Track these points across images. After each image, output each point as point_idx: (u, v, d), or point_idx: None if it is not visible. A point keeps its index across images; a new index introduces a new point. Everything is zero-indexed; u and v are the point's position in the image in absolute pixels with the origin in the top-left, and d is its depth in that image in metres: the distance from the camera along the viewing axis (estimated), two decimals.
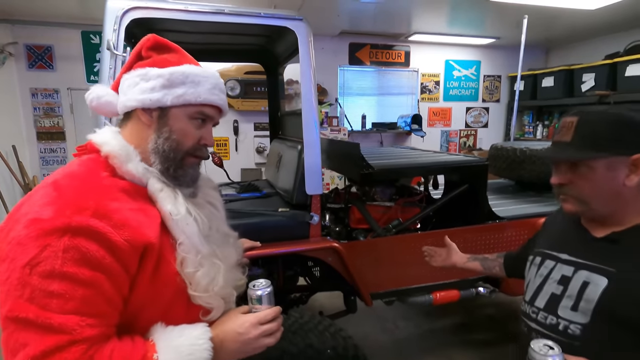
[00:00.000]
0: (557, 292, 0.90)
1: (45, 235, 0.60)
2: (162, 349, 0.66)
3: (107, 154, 0.73)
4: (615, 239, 0.85)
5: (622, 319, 0.79)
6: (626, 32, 4.27)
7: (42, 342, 0.57)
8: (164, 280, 0.71)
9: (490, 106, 5.51)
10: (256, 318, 0.78)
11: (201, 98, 0.78)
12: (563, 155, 0.87)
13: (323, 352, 1.44)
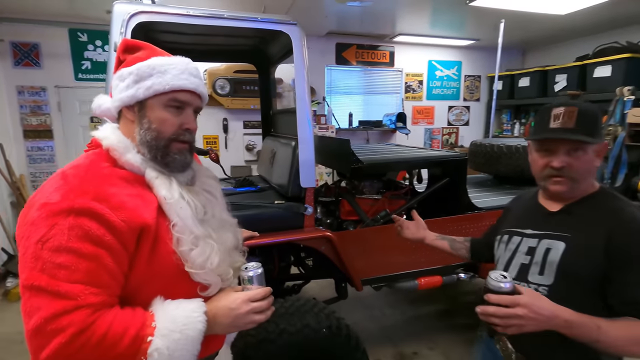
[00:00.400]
0: (526, 261, 1.05)
1: (53, 215, 0.70)
2: (160, 318, 0.74)
3: (107, 147, 0.82)
4: (569, 210, 1.02)
5: (573, 274, 0.95)
6: (595, 35, 4.55)
7: (52, 306, 0.66)
8: (161, 258, 0.79)
9: (471, 105, 5.74)
10: (247, 295, 0.84)
11: (169, 85, 0.83)
12: (575, 137, 0.94)
13: (319, 331, 1.57)
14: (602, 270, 0.92)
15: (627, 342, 0.86)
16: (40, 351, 0.65)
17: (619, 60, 3.85)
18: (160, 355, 0.70)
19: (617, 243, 0.91)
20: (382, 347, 2.58)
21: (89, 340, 0.66)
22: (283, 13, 3.68)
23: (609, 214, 0.96)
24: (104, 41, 4.09)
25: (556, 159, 0.97)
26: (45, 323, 0.65)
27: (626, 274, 0.90)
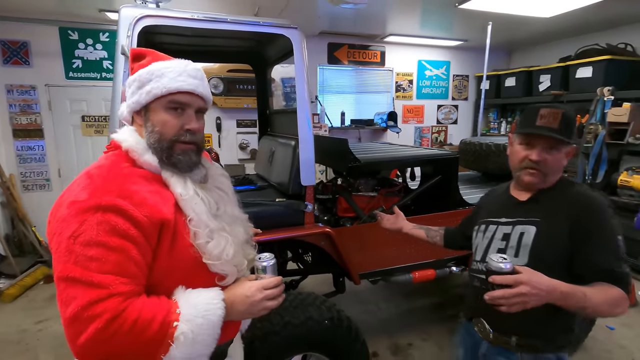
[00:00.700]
0: (502, 246, 1.16)
1: (82, 212, 0.76)
2: (183, 305, 0.80)
3: (127, 149, 0.88)
4: (537, 198, 1.16)
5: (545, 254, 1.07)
6: (577, 37, 4.73)
7: (87, 295, 0.71)
8: (180, 251, 0.84)
9: (459, 104, 5.88)
10: (261, 284, 0.90)
11: (166, 88, 0.86)
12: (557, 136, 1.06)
13: (321, 323, 1.65)
14: (569, 246, 1.05)
15: (606, 305, 0.98)
16: (78, 337, 0.71)
17: (599, 61, 4.02)
18: (185, 338, 0.76)
19: (579, 222, 1.05)
20: (379, 339, 2.67)
21: (122, 326, 0.72)
22: (277, 14, 3.72)
23: (570, 198, 1.10)
24: (95, 40, 4.06)
25: (535, 153, 1.10)
26: (82, 310, 0.71)
27: (590, 247, 1.03)
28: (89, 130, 4.18)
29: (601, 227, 1.05)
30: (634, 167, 3.81)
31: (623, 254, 1.05)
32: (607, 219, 1.06)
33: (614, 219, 1.08)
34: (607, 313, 1.01)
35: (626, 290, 1.00)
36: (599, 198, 1.10)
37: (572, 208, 1.07)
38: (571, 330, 1.14)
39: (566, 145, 1.09)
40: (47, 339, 2.74)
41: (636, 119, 3.71)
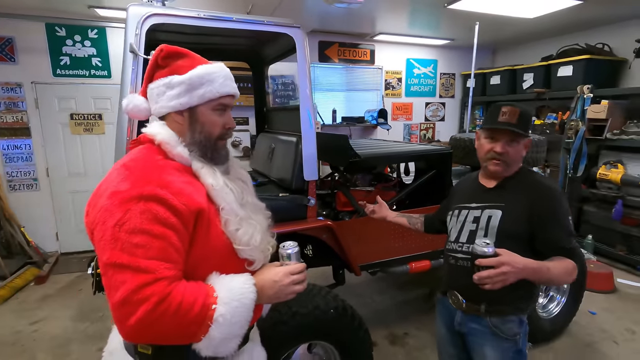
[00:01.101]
0: (473, 228, 1.35)
1: (125, 202, 0.79)
2: (220, 289, 0.84)
3: (160, 142, 0.92)
4: (502, 185, 1.34)
5: (510, 234, 1.26)
6: (558, 37, 4.92)
7: (136, 279, 0.75)
8: (214, 238, 0.89)
9: (447, 101, 6.03)
10: (288, 269, 0.96)
11: (218, 92, 0.94)
12: (516, 129, 1.24)
13: (327, 312, 1.71)
14: (530, 226, 1.25)
15: (564, 274, 1.19)
16: (127, 319, 0.75)
17: (579, 60, 4.21)
18: (224, 320, 0.81)
19: (537, 206, 1.24)
20: (376, 330, 2.75)
21: (168, 308, 0.76)
22: (270, 12, 3.75)
23: (529, 186, 1.29)
24: (83, 36, 3.99)
25: (499, 145, 1.28)
26: (132, 294, 0.75)
27: (548, 228, 1.23)
28: (77, 129, 4.11)
29: (556, 211, 1.24)
30: (612, 161, 4.02)
31: (573, 232, 1.27)
32: (560, 204, 1.26)
33: (565, 203, 1.28)
34: (564, 281, 1.24)
35: (576, 261, 1.22)
36: (553, 185, 1.30)
37: (531, 194, 1.26)
38: (531, 297, 1.35)
39: (524, 138, 1.28)
40: (43, 339, 2.71)
41: (613, 116, 3.91)
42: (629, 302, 3.18)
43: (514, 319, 1.32)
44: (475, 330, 1.35)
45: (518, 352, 1.33)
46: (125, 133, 1.51)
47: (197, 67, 0.94)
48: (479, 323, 1.34)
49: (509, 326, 1.31)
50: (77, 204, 4.23)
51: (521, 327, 1.33)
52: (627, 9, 3.83)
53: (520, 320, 1.33)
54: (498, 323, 1.31)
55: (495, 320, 1.31)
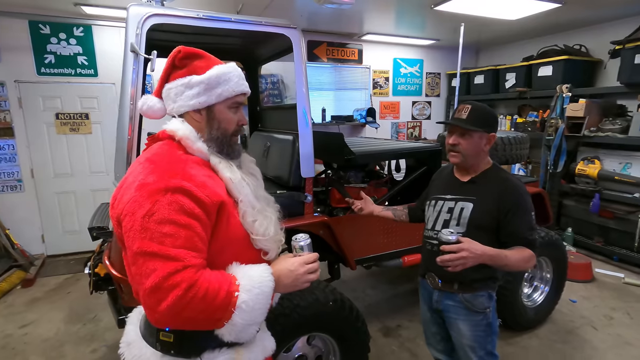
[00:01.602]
0: (447, 218, 1.49)
1: (154, 194, 0.83)
2: (241, 278, 0.89)
3: (181, 138, 0.96)
4: (474, 180, 1.48)
5: (479, 224, 1.41)
6: (539, 38, 5.11)
7: (167, 266, 0.79)
8: (234, 229, 0.94)
9: (432, 100, 6.17)
10: (302, 259, 1.00)
11: (234, 91, 1.00)
12: (463, 124, 1.39)
13: (326, 304, 1.77)
14: (497, 219, 1.39)
15: (521, 262, 1.35)
16: (159, 304, 0.78)
17: (558, 61, 4.39)
18: (247, 306, 0.86)
19: (505, 202, 1.38)
20: (369, 323, 2.77)
21: (197, 294, 0.80)
22: (260, 12, 3.77)
23: (499, 183, 1.43)
24: (68, 34, 3.91)
25: (451, 138, 1.44)
26: (163, 280, 0.78)
27: (512, 220, 1.37)
28: (63, 128, 4.04)
29: (519, 206, 1.38)
30: (589, 157, 4.22)
31: (534, 226, 1.41)
32: (524, 200, 1.40)
33: (529, 200, 1.42)
34: (522, 268, 1.39)
35: (535, 251, 1.37)
36: (518, 183, 1.44)
37: (499, 190, 1.40)
38: (495, 277, 1.50)
39: (475, 132, 1.39)
40: (34, 342, 2.68)
41: (591, 114, 4.10)
42: (606, 291, 3.36)
43: (484, 293, 1.48)
44: (450, 306, 1.51)
45: (488, 324, 1.49)
46: (127, 132, 1.52)
47: (213, 67, 0.99)
48: (453, 299, 1.49)
49: (479, 300, 1.47)
50: (64, 205, 4.15)
51: (490, 302, 1.50)
52: (602, 12, 4.02)
53: (490, 295, 1.49)
54: (470, 298, 1.47)
55: (467, 296, 1.47)
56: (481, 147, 1.43)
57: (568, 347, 2.56)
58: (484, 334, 1.49)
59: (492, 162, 1.51)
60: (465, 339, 1.49)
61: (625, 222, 3.77)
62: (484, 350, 1.49)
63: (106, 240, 2.06)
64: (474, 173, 1.48)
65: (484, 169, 1.48)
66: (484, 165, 1.49)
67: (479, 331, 1.48)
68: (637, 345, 2.57)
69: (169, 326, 0.89)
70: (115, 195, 0.93)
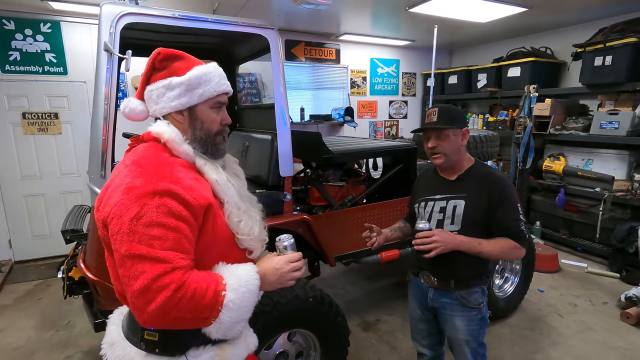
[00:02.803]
0: (440, 217, 1.52)
1: (141, 197, 0.84)
2: (228, 277, 0.91)
3: (167, 140, 0.96)
4: (461, 178, 1.52)
5: (472, 219, 1.46)
6: (508, 40, 5.33)
7: (155, 269, 0.81)
8: (219, 230, 0.96)
9: (409, 100, 6.31)
10: (287, 258, 1.03)
11: (216, 91, 1.01)
12: (438, 125, 1.45)
13: (306, 300, 1.80)
14: (487, 213, 1.44)
15: (498, 251, 1.42)
16: (148, 305, 0.80)
17: (525, 62, 4.59)
18: (234, 305, 0.88)
19: (493, 195, 1.43)
20: (349, 318, 2.84)
21: (185, 294, 0.82)
22: (235, 11, 3.75)
23: (484, 177, 1.48)
24: (35, 30, 3.75)
25: (429, 142, 1.50)
26: (152, 282, 0.80)
27: (500, 213, 1.43)
28: (31, 129, 3.87)
29: (507, 197, 1.44)
30: (555, 154, 4.45)
31: (521, 217, 1.45)
32: (511, 192, 1.46)
33: (514, 192, 1.48)
34: (498, 257, 1.50)
35: (520, 242, 1.43)
36: (503, 176, 1.50)
37: (486, 183, 1.45)
38: (488, 272, 1.56)
39: (449, 130, 1.45)
40: (4, 350, 2.57)
41: (556, 113, 4.32)
42: (571, 280, 3.56)
43: (478, 289, 1.53)
44: (446, 303, 1.55)
45: (482, 318, 1.55)
46: (101, 132, 1.50)
47: (193, 67, 0.99)
48: (449, 297, 1.54)
49: (474, 296, 1.52)
50: (32, 209, 3.98)
51: (484, 297, 1.55)
52: (565, 17, 4.24)
53: (483, 290, 1.55)
54: (465, 294, 1.51)
55: (463, 293, 1.51)
56: (459, 143, 1.48)
57: (536, 334, 2.70)
58: (477, 327, 1.54)
59: (474, 158, 1.56)
60: (461, 334, 1.54)
61: (588, 215, 4.00)
62: (477, 342, 1.55)
63: (80, 243, 2.01)
64: (459, 171, 1.52)
65: (467, 166, 1.52)
66: (467, 163, 1.53)
67: (474, 325, 1.53)
68: (598, 330, 2.75)
69: (157, 326, 0.90)
70: (101, 197, 0.92)
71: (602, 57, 3.80)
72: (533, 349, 2.54)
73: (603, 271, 3.68)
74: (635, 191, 3.62)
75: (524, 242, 1.44)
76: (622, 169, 3.87)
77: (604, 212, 3.77)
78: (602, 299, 3.19)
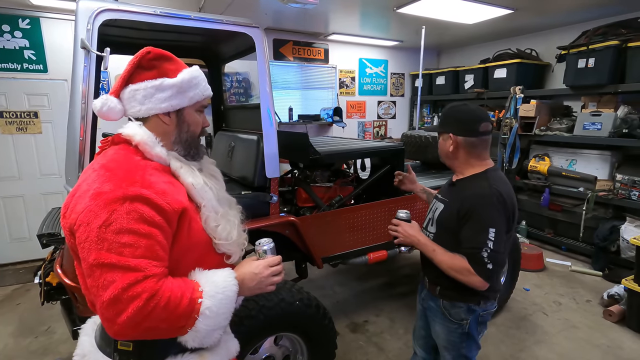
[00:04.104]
0: (430, 216, 1.53)
1: (110, 203, 0.80)
2: (204, 284, 0.88)
3: (138, 143, 0.93)
4: (455, 184, 1.48)
5: (444, 226, 1.43)
6: (495, 42, 5.39)
7: (126, 277, 0.77)
8: (195, 235, 0.93)
9: (397, 100, 6.33)
10: (266, 262, 1.01)
11: (203, 95, 1.03)
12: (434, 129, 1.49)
13: (293, 304, 1.78)
14: (457, 225, 1.35)
15: (447, 266, 1.35)
16: (118, 316, 0.76)
17: (511, 64, 4.65)
18: (210, 312, 0.85)
19: (462, 209, 1.33)
20: (337, 319, 2.86)
21: (158, 303, 0.78)
22: (222, 9, 3.69)
23: (466, 190, 1.37)
24: (13, 26, 3.62)
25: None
26: (122, 292, 0.76)
27: (463, 230, 1.33)
28: (9, 128, 3.74)
29: (472, 217, 1.30)
30: (540, 155, 4.52)
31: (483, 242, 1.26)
32: (480, 213, 1.29)
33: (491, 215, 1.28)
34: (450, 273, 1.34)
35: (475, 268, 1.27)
36: (489, 193, 1.30)
37: (463, 197, 1.35)
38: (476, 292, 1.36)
39: (442, 134, 1.46)
40: None
41: (541, 114, 4.38)
42: (556, 278, 3.62)
43: (462, 305, 1.42)
44: (431, 307, 1.54)
45: (465, 334, 1.45)
46: (78, 133, 1.44)
47: (183, 70, 0.98)
48: (435, 302, 1.52)
49: (456, 311, 1.44)
50: (11, 210, 3.85)
51: (469, 315, 1.43)
52: (550, 19, 4.31)
53: (469, 309, 1.42)
54: (448, 306, 1.46)
55: (446, 303, 1.46)
56: (446, 149, 1.42)
57: (522, 333, 2.73)
58: (458, 340, 1.46)
59: (488, 168, 1.40)
60: (440, 340, 1.53)
61: (572, 215, 4.07)
62: (457, 352, 1.48)
63: (58, 248, 1.94)
64: (460, 176, 1.46)
65: (471, 173, 1.41)
66: (472, 170, 1.41)
67: (454, 337, 1.47)
68: (582, 327, 2.79)
69: (129, 337, 0.86)
70: (67, 203, 0.87)
71: (585, 59, 3.87)
72: (519, 348, 2.56)
73: (586, 269, 3.75)
74: (617, 191, 3.70)
75: (482, 271, 1.27)
76: (605, 169, 3.95)
77: (587, 212, 3.84)
78: (586, 297, 3.24)
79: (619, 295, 2.98)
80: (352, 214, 2.39)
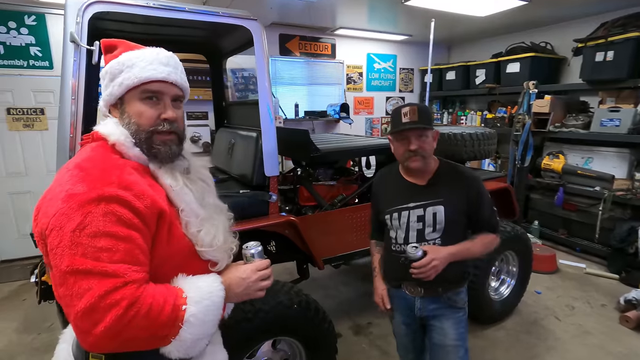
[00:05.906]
0: (420, 227, 1.43)
1: (84, 205, 0.74)
2: (188, 290, 0.82)
3: (114, 142, 0.86)
4: (433, 183, 1.45)
5: (454, 222, 1.41)
6: (507, 35, 5.21)
7: (103, 284, 0.71)
8: (176, 241, 0.87)
9: (406, 96, 6.20)
10: (254, 266, 0.96)
11: (137, 78, 0.86)
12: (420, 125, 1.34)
13: (291, 307, 1.71)
14: (467, 214, 1.44)
15: (483, 248, 1.44)
16: (95, 326, 0.70)
17: (525, 58, 4.48)
18: (196, 320, 0.79)
19: (471, 196, 1.42)
20: (341, 321, 2.80)
21: (139, 311, 0.72)
22: (228, 3, 3.63)
23: (458, 177, 1.44)
24: (19, 23, 3.63)
25: (412, 144, 1.37)
26: (99, 300, 0.70)
27: (481, 212, 1.45)
28: (16, 124, 3.76)
29: (482, 196, 1.45)
30: (554, 152, 4.35)
31: (494, 210, 1.50)
32: (484, 188, 1.48)
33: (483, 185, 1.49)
34: (484, 253, 1.46)
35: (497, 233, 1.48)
36: (473, 174, 1.49)
37: (461, 187, 1.43)
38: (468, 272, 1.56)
39: (429, 131, 1.39)
40: None
41: (555, 110, 4.22)
42: (569, 281, 3.48)
43: (462, 289, 1.53)
44: (435, 309, 1.50)
45: (466, 319, 1.55)
46: (68, 130, 1.40)
47: (120, 55, 0.89)
48: (437, 302, 1.50)
49: (460, 297, 1.52)
50: (19, 207, 3.88)
51: (466, 295, 1.56)
52: (566, 11, 4.13)
53: (465, 289, 1.56)
54: (452, 295, 1.49)
55: (450, 294, 1.49)
56: (433, 145, 1.43)
57: (532, 338, 2.62)
58: (464, 330, 1.52)
59: (438, 157, 1.51)
60: (449, 339, 1.47)
61: (587, 215, 3.92)
62: (464, 348, 1.50)
63: None
64: (429, 175, 1.45)
65: (435, 167, 1.47)
66: (434, 164, 1.48)
67: (462, 327, 1.51)
68: (596, 334, 2.67)
69: (106, 350, 0.80)
70: (39, 207, 0.81)
71: (604, 52, 3.69)
72: (529, 354, 2.46)
73: (602, 272, 3.60)
74: (636, 190, 3.53)
75: (499, 233, 1.52)
76: (623, 167, 3.78)
77: (603, 212, 3.68)
78: (601, 301, 3.11)
79: (637, 300, 2.84)
80: (355, 213, 2.32)
